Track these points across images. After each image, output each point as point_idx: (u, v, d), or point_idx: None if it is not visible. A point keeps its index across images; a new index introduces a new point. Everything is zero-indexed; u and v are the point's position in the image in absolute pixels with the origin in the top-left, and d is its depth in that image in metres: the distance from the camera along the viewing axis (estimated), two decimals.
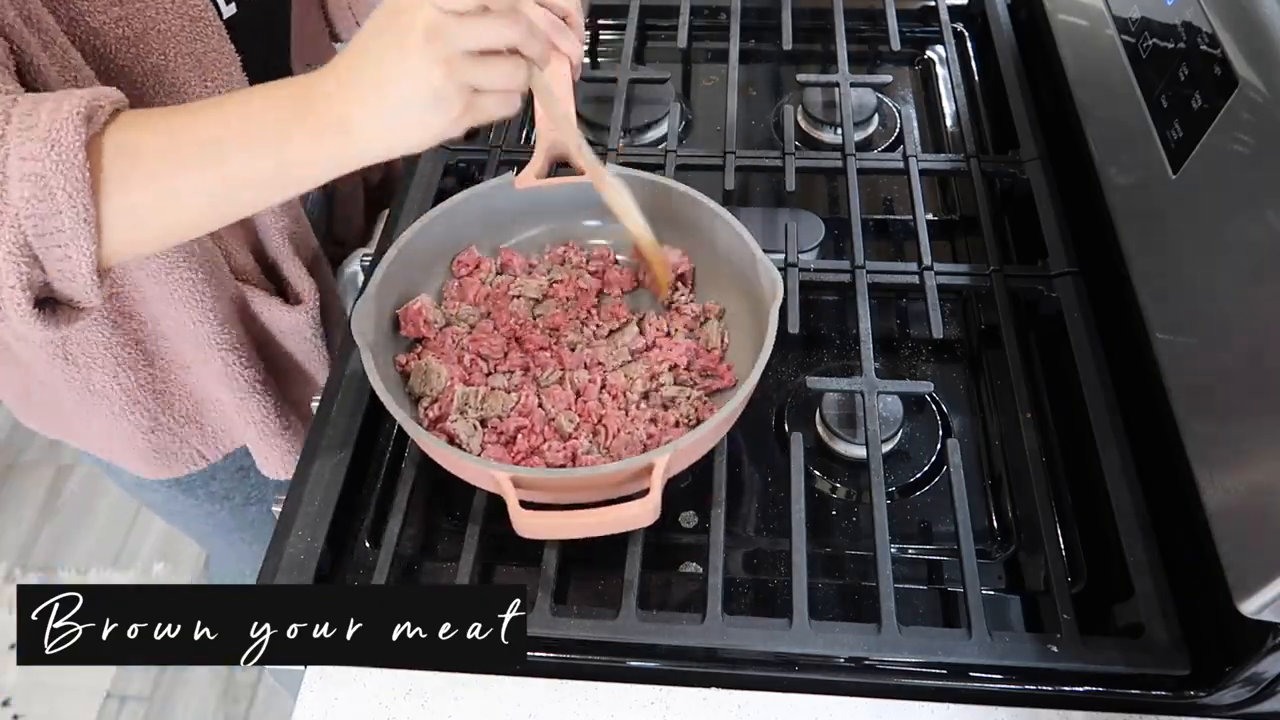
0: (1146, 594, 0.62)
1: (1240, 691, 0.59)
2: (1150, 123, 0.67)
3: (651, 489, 0.60)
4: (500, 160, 0.91)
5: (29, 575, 1.72)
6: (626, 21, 1.03)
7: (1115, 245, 0.71)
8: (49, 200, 0.52)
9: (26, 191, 0.52)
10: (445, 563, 0.68)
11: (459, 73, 0.53)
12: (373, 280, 0.72)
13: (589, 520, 0.61)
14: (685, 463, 0.65)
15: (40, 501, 1.81)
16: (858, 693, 0.63)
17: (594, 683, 0.64)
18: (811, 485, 0.73)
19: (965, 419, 0.77)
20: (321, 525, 0.67)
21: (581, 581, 0.67)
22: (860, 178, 0.88)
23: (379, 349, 0.70)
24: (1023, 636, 0.62)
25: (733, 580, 0.68)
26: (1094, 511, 0.69)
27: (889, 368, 0.80)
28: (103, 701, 1.58)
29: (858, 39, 1.07)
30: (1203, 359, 0.60)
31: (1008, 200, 0.91)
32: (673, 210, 0.77)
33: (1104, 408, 0.72)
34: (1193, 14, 0.64)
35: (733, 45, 1.00)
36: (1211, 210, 0.60)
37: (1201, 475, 0.57)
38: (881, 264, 0.83)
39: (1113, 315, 0.76)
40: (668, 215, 0.77)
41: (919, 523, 0.72)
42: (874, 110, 0.98)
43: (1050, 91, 0.92)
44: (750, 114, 1.02)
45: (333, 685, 0.64)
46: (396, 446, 0.74)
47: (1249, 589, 0.51)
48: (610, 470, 0.62)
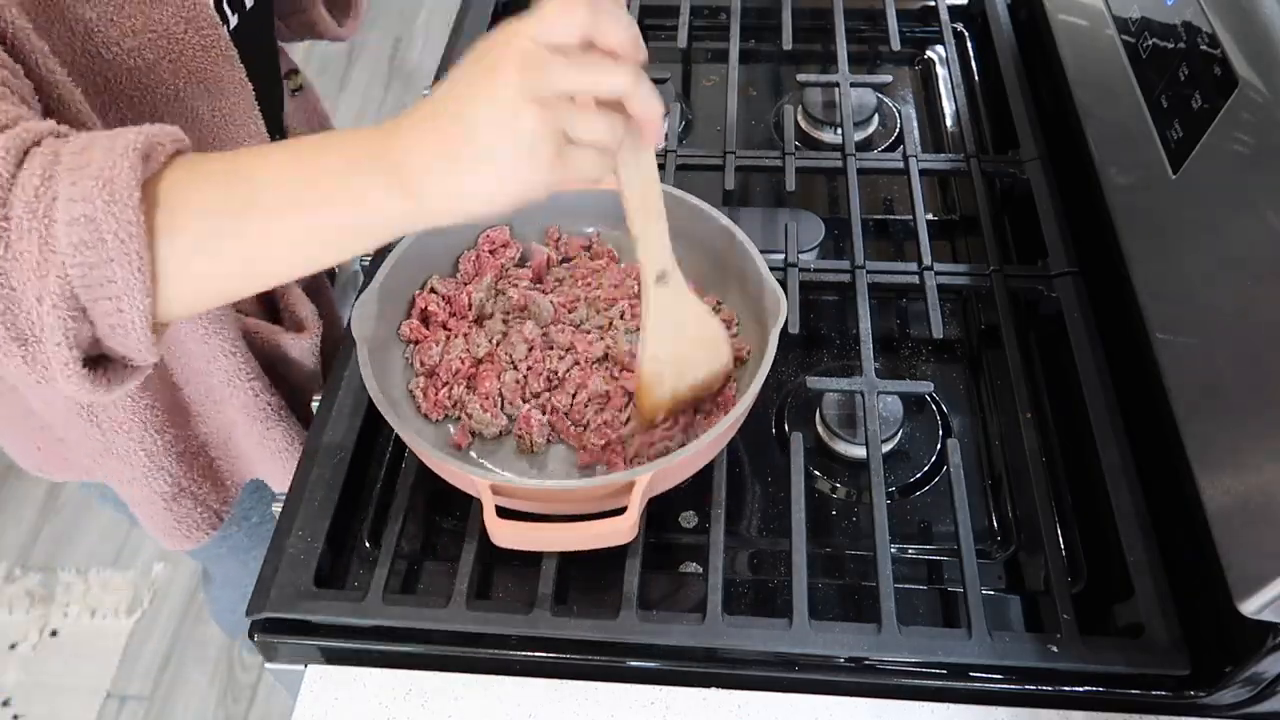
0: (1146, 594, 0.62)
1: (1240, 691, 0.59)
2: (1150, 123, 0.67)
3: (630, 507, 0.60)
4: None
5: (29, 575, 1.72)
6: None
7: (1115, 245, 0.71)
8: (99, 247, 0.46)
9: (75, 237, 0.46)
10: (445, 562, 0.68)
11: (553, 116, 0.45)
12: (375, 279, 0.72)
13: (564, 534, 0.62)
14: (670, 482, 0.65)
15: (40, 501, 1.80)
16: (858, 693, 0.63)
17: (594, 683, 0.64)
18: (811, 485, 0.73)
19: (965, 419, 0.77)
20: (321, 525, 0.67)
21: (582, 581, 0.67)
22: (860, 178, 0.88)
23: (379, 348, 0.70)
24: (1023, 636, 0.62)
25: (733, 580, 0.68)
26: (1094, 511, 0.69)
27: (889, 368, 0.80)
28: (103, 701, 1.58)
29: (858, 39, 1.07)
30: (1203, 359, 0.60)
31: (1008, 200, 0.91)
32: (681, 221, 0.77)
33: (1104, 408, 0.72)
34: (1193, 14, 0.64)
35: (733, 45, 1.00)
36: (1211, 210, 0.60)
37: (1201, 475, 0.57)
38: (881, 264, 0.83)
39: (1113, 315, 0.76)
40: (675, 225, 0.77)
41: (919, 523, 0.72)
42: (874, 110, 0.98)
43: (1050, 91, 0.92)
44: (750, 114, 1.02)
45: (333, 685, 0.64)
46: (397, 446, 0.74)
47: (1249, 589, 0.51)
48: (590, 484, 0.62)
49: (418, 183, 0.47)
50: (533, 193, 0.47)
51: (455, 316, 0.76)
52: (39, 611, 1.68)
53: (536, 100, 0.45)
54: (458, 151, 0.46)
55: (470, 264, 0.78)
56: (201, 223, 0.49)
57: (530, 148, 0.46)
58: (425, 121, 0.48)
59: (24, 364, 0.50)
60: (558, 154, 0.46)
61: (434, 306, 0.75)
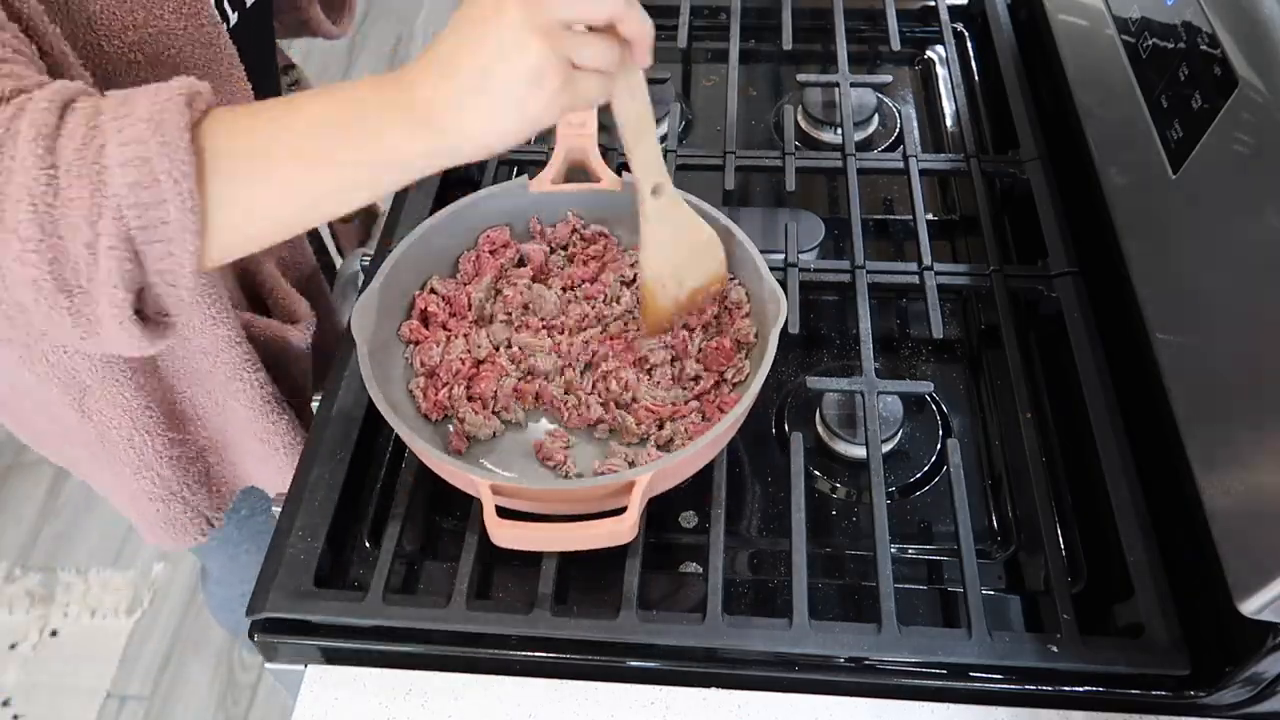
0: (1146, 594, 0.62)
1: (1240, 691, 0.59)
2: (1150, 123, 0.67)
3: (630, 507, 0.60)
4: (500, 161, 0.90)
5: (29, 575, 1.72)
6: None
7: (1115, 245, 0.71)
8: (154, 187, 0.48)
9: (130, 177, 0.48)
10: (445, 563, 0.68)
11: (557, 44, 0.49)
12: (375, 279, 0.72)
13: (564, 534, 0.62)
14: (670, 482, 0.65)
15: (40, 501, 1.80)
16: (858, 693, 0.63)
17: (594, 683, 0.64)
18: (811, 485, 0.73)
19: (965, 419, 0.77)
20: (321, 525, 0.67)
21: (582, 581, 0.67)
22: (860, 178, 0.88)
23: (379, 348, 0.70)
24: (1023, 636, 0.62)
25: (733, 580, 0.68)
26: (1094, 511, 0.69)
27: (889, 368, 0.80)
28: (103, 701, 1.58)
29: (858, 39, 1.07)
30: (1203, 359, 0.60)
31: (1008, 200, 0.91)
32: None
33: (1104, 408, 0.72)
34: (1193, 14, 0.64)
35: (733, 45, 1.00)
36: (1211, 210, 0.60)
37: (1201, 475, 0.57)
38: (881, 264, 0.83)
39: (1113, 315, 0.76)
40: None
41: (919, 523, 0.72)
42: (874, 110, 0.98)
43: (1050, 91, 0.92)
44: (750, 114, 1.02)
45: (333, 685, 0.64)
46: (397, 446, 0.74)
47: (1249, 589, 0.51)
48: (590, 484, 0.62)
49: (440, 120, 0.51)
50: (546, 119, 0.51)
51: (455, 317, 0.76)
52: (39, 611, 1.68)
53: (539, 32, 0.48)
54: (475, 88, 0.50)
55: (470, 264, 0.78)
56: (244, 163, 0.51)
57: (540, 77, 0.49)
58: (440, 64, 0.51)
59: (68, 315, 0.51)
60: (565, 80, 0.50)
61: (434, 307, 0.75)
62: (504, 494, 0.62)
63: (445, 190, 0.89)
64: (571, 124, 0.78)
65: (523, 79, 0.49)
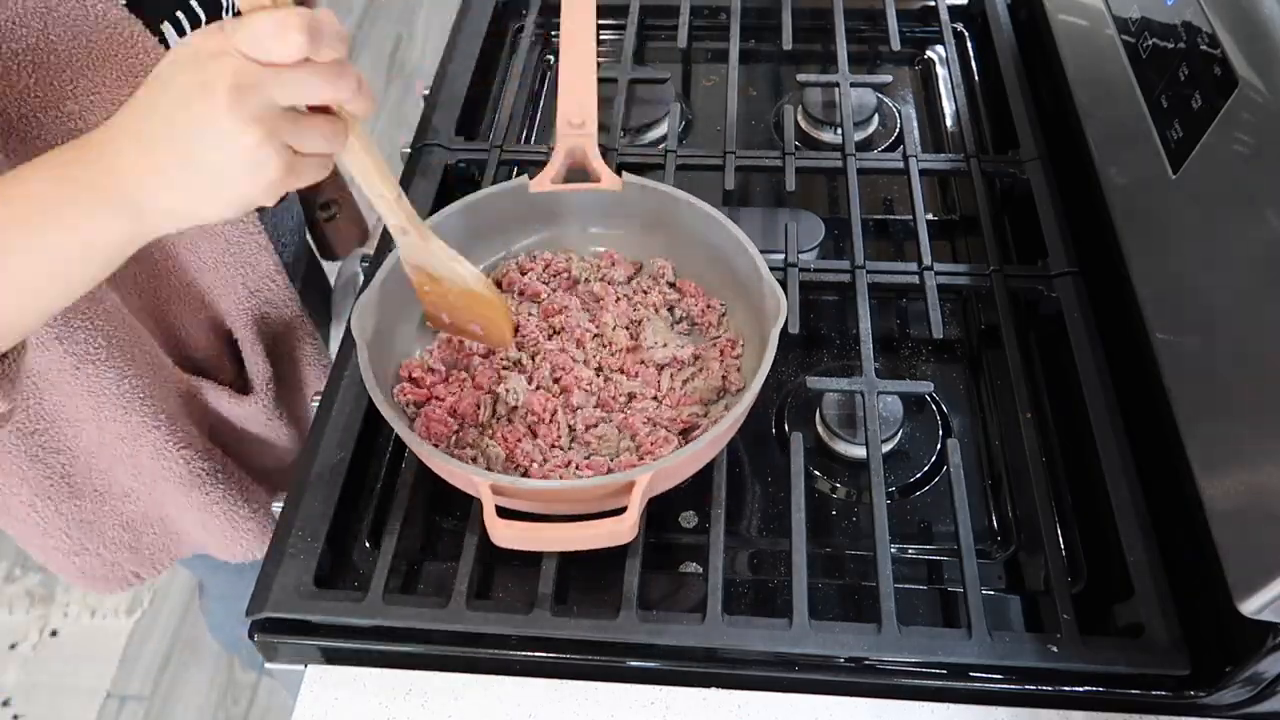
0: (1146, 594, 0.62)
1: (1240, 691, 0.59)
2: (1150, 123, 0.67)
3: (630, 507, 0.60)
4: (500, 160, 0.90)
5: (29, 575, 1.72)
6: (626, 21, 1.03)
7: (1115, 245, 0.71)
8: None
9: None
10: (445, 563, 0.68)
11: (277, 131, 0.46)
12: (375, 279, 0.72)
13: (564, 534, 0.62)
14: (670, 482, 0.65)
15: None
16: (858, 693, 0.63)
17: (594, 683, 0.64)
18: (811, 485, 0.73)
19: (965, 419, 0.77)
20: (321, 525, 0.67)
21: (582, 581, 0.67)
22: (860, 178, 0.88)
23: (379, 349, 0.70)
24: (1023, 636, 0.62)
25: (733, 580, 0.68)
26: (1094, 511, 0.69)
27: (889, 368, 0.80)
28: (103, 701, 1.58)
29: (858, 39, 1.07)
30: (1203, 359, 0.60)
31: (1008, 200, 0.91)
32: (680, 219, 0.77)
33: (1104, 408, 0.72)
34: (1193, 14, 0.64)
35: (733, 45, 1.00)
36: (1211, 210, 0.60)
37: (1201, 475, 0.57)
38: (881, 264, 0.83)
39: (1113, 315, 0.76)
40: (674, 224, 0.77)
41: (919, 523, 0.72)
42: (874, 110, 0.98)
43: (1050, 91, 0.92)
44: (750, 114, 1.02)
45: (333, 685, 0.64)
46: (397, 446, 0.74)
47: (1249, 589, 0.51)
48: (590, 484, 0.62)
49: (141, 204, 0.48)
50: (261, 203, 0.48)
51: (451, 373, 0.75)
52: (39, 611, 1.68)
53: (256, 119, 0.45)
54: (182, 171, 0.46)
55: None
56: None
57: (257, 165, 0.46)
58: (141, 140, 0.47)
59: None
60: (286, 167, 0.47)
61: (419, 373, 0.74)
62: (504, 494, 0.62)
63: (446, 190, 0.89)
64: (572, 124, 0.78)
65: (238, 167, 0.46)
